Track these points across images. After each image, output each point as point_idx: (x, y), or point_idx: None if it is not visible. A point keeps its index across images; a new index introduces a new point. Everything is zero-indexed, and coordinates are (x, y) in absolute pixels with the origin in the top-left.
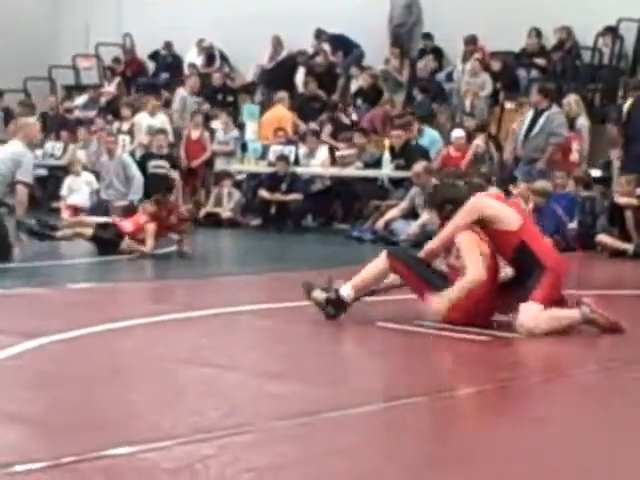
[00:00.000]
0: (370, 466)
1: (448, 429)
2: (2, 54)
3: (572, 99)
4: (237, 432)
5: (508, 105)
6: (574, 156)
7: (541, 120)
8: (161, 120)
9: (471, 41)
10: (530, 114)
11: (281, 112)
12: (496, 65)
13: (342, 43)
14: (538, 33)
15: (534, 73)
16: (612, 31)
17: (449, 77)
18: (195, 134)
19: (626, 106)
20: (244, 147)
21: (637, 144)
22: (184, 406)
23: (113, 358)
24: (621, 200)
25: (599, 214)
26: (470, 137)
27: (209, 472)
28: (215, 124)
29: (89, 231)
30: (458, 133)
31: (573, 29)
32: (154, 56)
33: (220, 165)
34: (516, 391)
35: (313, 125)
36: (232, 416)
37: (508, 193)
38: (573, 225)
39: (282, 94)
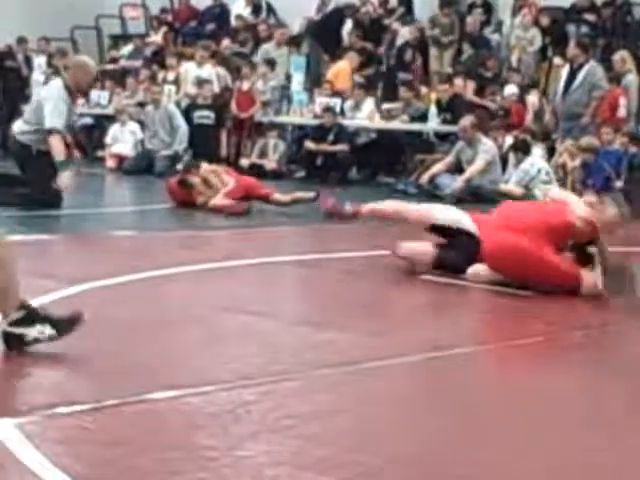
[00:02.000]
0: (411, 416)
1: (490, 380)
2: (50, 3)
3: (621, 55)
4: (279, 379)
5: (557, 61)
6: (621, 112)
7: (580, 74)
8: (208, 71)
9: None
10: (566, 69)
11: (344, 66)
12: (545, 20)
13: None
14: None
15: (584, 29)
16: None
17: (497, 30)
18: (246, 85)
19: None
20: (289, 99)
21: None
22: (226, 353)
23: (157, 304)
24: None
25: None
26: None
27: (251, 417)
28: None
29: None
30: (511, 89)
31: None
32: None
33: (258, 116)
34: (558, 343)
35: (359, 78)
36: (274, 363)
37: (553, 149)
38: (620, 182)
39: (351, 54)
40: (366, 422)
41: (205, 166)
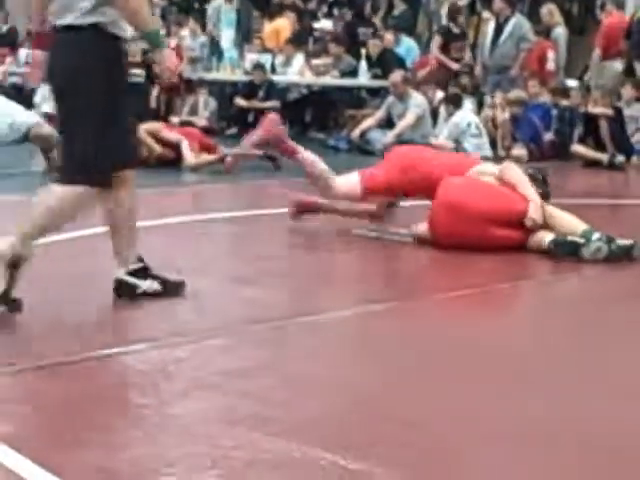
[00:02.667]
0: (341, 369)
1: (420, 333)
2: None
3: (549, 8)
4: (209, 336)
5: (485, 15)
6: (550, 65)
7: (508, 27)
8: None
9: None
10: (492, 24)
11: (282, 24)
12: None
13: None
14: None
15: None
16: None
17: None
18: (173, 42)
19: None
20: (220, 55)
21: None
22: (157, 310)
23: (88, 262)
24: (596, 110)
25: (575, 124)
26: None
27: (182, 374)
28: (183, 31)
29: None
30: (437, 42)
31: None
32: None
33: (188, 73)
34: (490, 295)
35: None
36: (204, 320)
37: (482, 103)
38: (549, 135)
39: (289, 13)
40: (296, 377)
41: (144, 128)
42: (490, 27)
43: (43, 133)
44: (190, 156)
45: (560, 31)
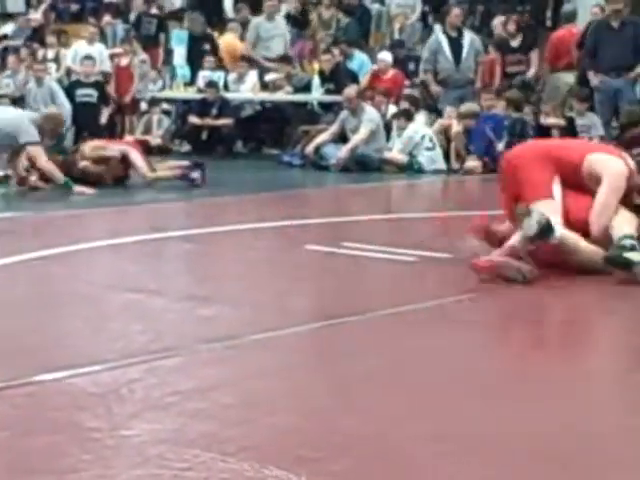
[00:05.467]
0: (296, 387)
1: (375, 349)
2: None
3: (501, 20)
4: (163, 356)
5: (437, 27)
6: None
7: (466, 40)
8: (99, 49)
9: None
10: (443, 37)
11: (231, 41)
12: None
13: None
14: None
15: None
16: None
17: (378, 0)
18: (124, 61)
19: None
20: (173, 73)
21: None
22: (111, 331)
23: (41, 285)
24: (548, 121)
25: (528, 135)
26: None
27: (135, 396)
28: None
29: None
30: (382, 56)
31: None
32: None
33: (141, 92)
34: (444, 309)
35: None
36: (158, 340)
37: (440, 115)
38: (502, 146)
39: (233, 25)
40: (250, 396)
41: (89, 145)
42: (444, 41)
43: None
44: (145, 167)
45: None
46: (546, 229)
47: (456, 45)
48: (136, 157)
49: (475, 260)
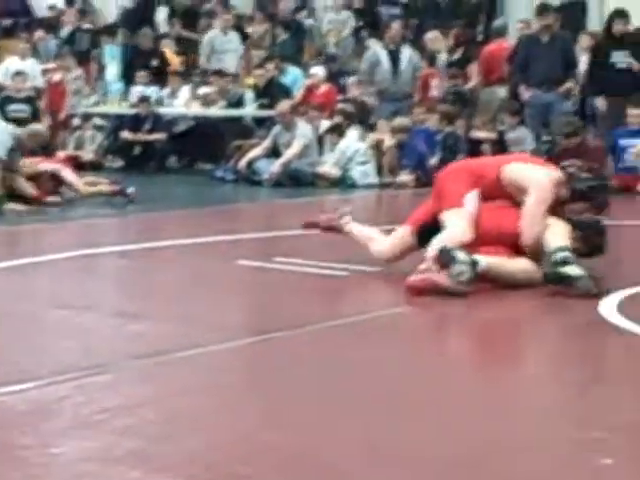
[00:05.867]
0: (226, 403)
1: (305, 364)
2: None
3: (433, 35)
4: (92, 373)
5: (370, 43)
6: (434, 92)
7: (404, 56)
8: (31, 65)
9: None
10: (381, 50)
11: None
12: (357, 2)
13: None
14: None
15: (395, 10)
16: None
17: (311, 14)
18: (57, 77)
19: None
20: (106, 89)
21: None
22: (41, 348)
23: None
24: (479, 134)
25: (459, 149)
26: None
27: (63, 413)
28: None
29: None
30: (315, 70)
31: None
32: None
33: (73, 107)
34: (370, 325)
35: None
36: (88, 357)
37: (372, 128)
38: (434, 160)
39: (166, 41)
40: (179, 412)
41: (23, 162)
42: (383, 56)
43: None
44: (80, 183)
45: (443, 58)
46: (474, 264)
47: (395, 59)
48: (67, 174)
49: (410, 280)
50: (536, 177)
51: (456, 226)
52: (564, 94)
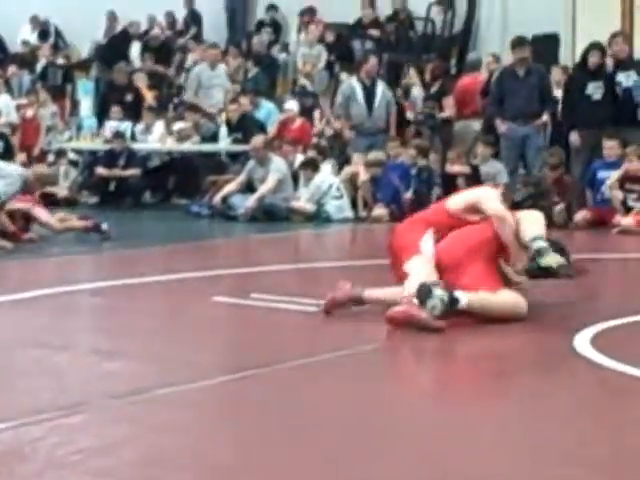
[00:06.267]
0: (200, 441)
1: (280, 402)
2: None
3: (411, 69)
4: (68, 413)
5: (344, 77)
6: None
7: (379, 90)
8: (5, 100)
9: (308, 12)
10: (357, 84)
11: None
12: (330, 36)
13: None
14: (372, 4)
15: (369, 44)
16: (444, 0)
17: (285, 49)
18: (30, 113)
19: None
20: (79, 124)
21: None
22: (16, 388)
23: None
24: (453, 169)
25: (434, 183)
26: (310, 109)
27: (38, 454)
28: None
29: None
30: (289, 105)
31: None
32: None
33: (48, 143)
34: (345, 362)
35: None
36: (64, 397)
37: (347, 162)
38: (409, 194)
39: (139, 74)
40: (154, 452)
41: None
42: (358, 90)
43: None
44: (52, 219)
45: (417, 92)
46: (451, 302)
47: (369, 93)
48: (39, 212)
49: (389, 312)
50: (479, 191)
51: (420, 273)
52: (540, 128)
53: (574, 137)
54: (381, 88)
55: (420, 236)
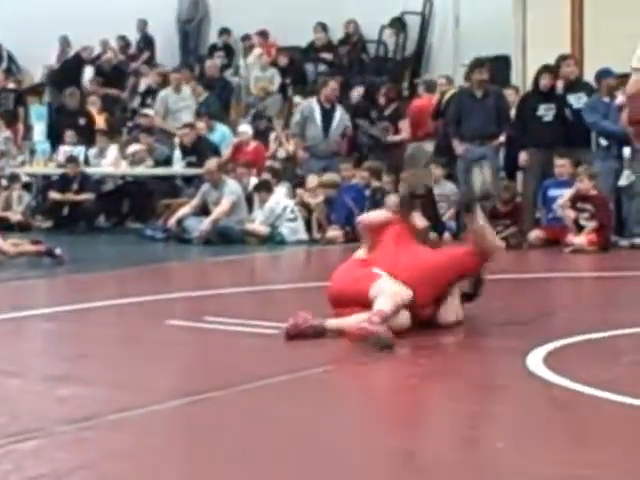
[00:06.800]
0: (155, 467)
1: (234, 425)
2: None
3: (359, 91)
4: (19, 439)
5: (297, 99)
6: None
7: (337, 113)
8: None
9: (262, 36)
10: (316, 106)
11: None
12: (283, 60)
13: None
14: (324, 27)
15: (322, 67)
16: (397, 24)
17: (237, 73)
18: None
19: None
20: (32, 149)
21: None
22: None
23: None
24: None
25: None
26: (264, 132)
27: None
28: None
29: None
30: (243, 128)
31: (359, 22)
32: None
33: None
34: (299, 384)
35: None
36: (14, 423)
37: (299, 186)
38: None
39: (93, 98)
40: (107, 478)
41: None
42: (316, 111)
43: None
44: (6, 244)
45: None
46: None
47: (328, 117)
48: None
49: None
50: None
51: (393, 288)
52: (497, 148)
53: (523, 157)
54: (339, 113)
55: (366, 269)
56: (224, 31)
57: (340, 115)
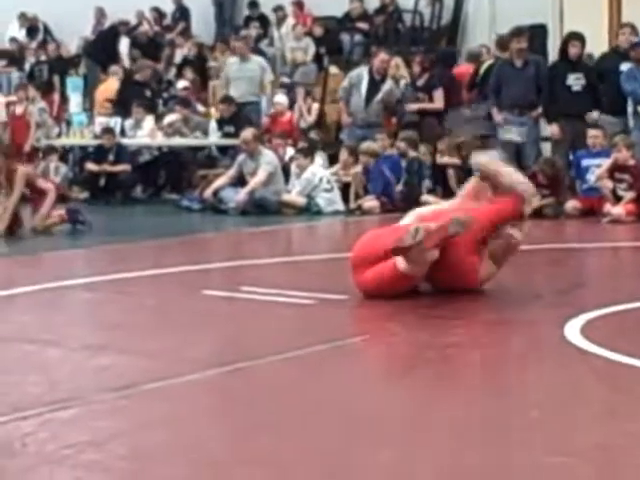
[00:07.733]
0: (191, 435)
1: (271, 394)
2: None
3: (395, 62)
4: (57, 408)
5: (333, 70)
6: (394, 119)
7: (385, 86)
8: None
9: (297, 5)
10: (366, 75)
11: (113, 86)
12: (318, 30)
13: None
14: None
15: (357, 37)
16: None
17: (272, 43)
18: (19, 110)
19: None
20: (69, 120)
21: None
22: (5, 384)
23: None
24: (443, 159)
25: (424, 175)
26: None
27: (28, 450)
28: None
29: None
30: (279, 98)
31: None
32: None
33: (38, 140)
34: (336, 353)
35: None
36: (52, 392)
37: (336, 157)
38: (400, 186)
39: (115, 68)
40: (146, 446)
41: None
42: (364, 80)
43: None
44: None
45: (402, 84)
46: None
47: (374, 88)
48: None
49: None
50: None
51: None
52: (536, 119)
53: (554, 129)
54: (388, 85)
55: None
56: (253, 4)
57: (388, 88)
